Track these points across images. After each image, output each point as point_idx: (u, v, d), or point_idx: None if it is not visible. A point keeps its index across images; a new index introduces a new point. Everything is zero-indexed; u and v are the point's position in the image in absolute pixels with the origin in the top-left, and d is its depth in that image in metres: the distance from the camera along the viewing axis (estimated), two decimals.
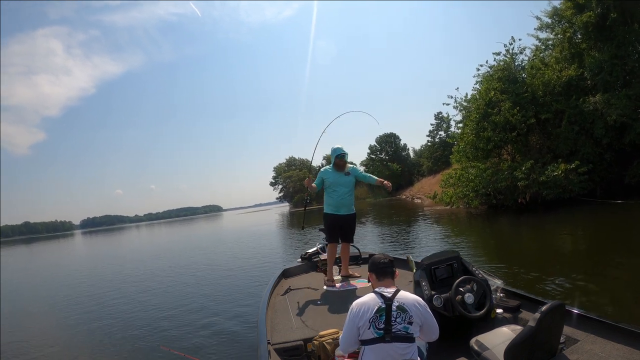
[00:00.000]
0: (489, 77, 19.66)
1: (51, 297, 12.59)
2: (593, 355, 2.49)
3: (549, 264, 7.98)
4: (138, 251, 29.04)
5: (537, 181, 16.39)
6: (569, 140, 16.84)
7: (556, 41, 18.55)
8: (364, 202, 53.78)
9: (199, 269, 14.05)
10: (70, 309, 10.31)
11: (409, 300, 2.45)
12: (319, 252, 6.46)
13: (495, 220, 16.38)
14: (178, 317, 7.88)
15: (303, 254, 6.72)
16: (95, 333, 7.64)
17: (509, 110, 17.82)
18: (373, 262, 2.66)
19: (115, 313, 9.12)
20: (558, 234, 11.58)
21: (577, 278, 6.56)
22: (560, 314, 2.43)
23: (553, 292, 6.08)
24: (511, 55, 19.39)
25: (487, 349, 2.65)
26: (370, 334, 2.36)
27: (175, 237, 39.73)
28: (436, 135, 51.24)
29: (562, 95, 17.36)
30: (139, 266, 17.81)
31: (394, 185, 57.22)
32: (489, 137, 18.61)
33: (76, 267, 22.18)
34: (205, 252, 20.34)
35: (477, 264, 8.07)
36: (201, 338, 6.32)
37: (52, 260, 31.61)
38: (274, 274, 6.01)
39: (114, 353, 6.34)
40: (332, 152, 5.51)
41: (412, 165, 60.46)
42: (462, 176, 20.41)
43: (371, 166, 63.64)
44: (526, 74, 18.98)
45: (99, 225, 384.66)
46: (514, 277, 7.26)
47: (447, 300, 3.30)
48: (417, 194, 41.33)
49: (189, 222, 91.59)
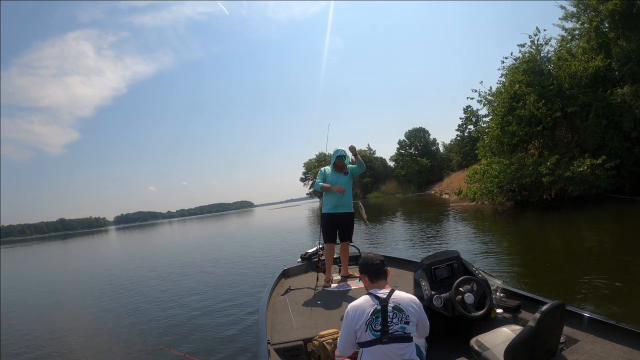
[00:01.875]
0: (513, 69, 19.21)
1: (50, 295, 12.73)
2: (593, 355, 2.49)
3: (572, 264, 7.74)
4: (155, 248, 28.79)
5: (562, 177, 15.98)
6: (596, 134, 16.28)
7: (582, 31, 17.91)
8: (394, 198, 53.39)
9: (204, 268, 13.93)
10: (70, 308, 10.34)
11: (405, 300, 2.46)
12: (319, 252, 6.42)
13: (520, 217, 16.04)
14: (178, 317, 7.83)
15: (303, 253, 6.74)
16: (95, 333, 7.62)
17: (534, 103, 17.43)
18: (364, 263, 2.66)
19: (115, 312, 9.11)
20: (584, 232, 11.18)
21: (603, 280, 6.20)
22: (560, 314, 2.42)
23: (576, 295, 5.76)
24: (536, 47, 18.86)
25: (487, 349, 2.66)
26: (368, 336, 2.37)
27: (201, 234, 39.37)
28: (465, 130, 50.22)
29: (588, 88, 16.78)
30: (146, 264, 17.79)
31: (424, 180, 57.24)
32: (513, 132, 18.22)
33: (79, 266, 22.50)
34: (221, 248, 20.36)
35: (496, 264, 8.16)
36: (201, 338, 6.27)
37: (72, 256, 32.59)
38: (274, 274, 6.03)
39: (114, 353, 6.30)
40: (334, 152, 5.70)
41: (441, 160, 59.34)
42: (486, 172, 20.15)
43: (400, 161, 63.06)
44: (553, 66, 18.44)
45: (132, 222, 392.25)
46: (530, 277, 7.09)
47: (447, 300, 3.30)
48: (445, 189, 40.69)
49: (220, 218, 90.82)
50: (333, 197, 5.60)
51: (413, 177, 58.99)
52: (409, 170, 59.45)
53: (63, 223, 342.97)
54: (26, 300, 12.57)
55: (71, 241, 67.26)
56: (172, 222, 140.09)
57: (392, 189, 61.93)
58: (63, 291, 13.71)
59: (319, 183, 5.58)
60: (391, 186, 62.91)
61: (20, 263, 33.01)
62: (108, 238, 62.98)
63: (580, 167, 15.32)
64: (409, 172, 59.48)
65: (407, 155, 62.70)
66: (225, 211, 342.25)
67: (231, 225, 47.62)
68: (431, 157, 60.08)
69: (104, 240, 56.01)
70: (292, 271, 6.20)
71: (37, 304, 11.67)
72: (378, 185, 65.64)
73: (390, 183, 63.59)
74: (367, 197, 64.49)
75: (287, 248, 15.63)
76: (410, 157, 61.75)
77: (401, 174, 61.57)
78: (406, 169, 60.29)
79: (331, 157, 5.77)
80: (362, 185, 68.36)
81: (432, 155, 60.79)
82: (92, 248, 41.50)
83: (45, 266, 26.48)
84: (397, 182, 62.50)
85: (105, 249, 37.42)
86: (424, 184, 57.51)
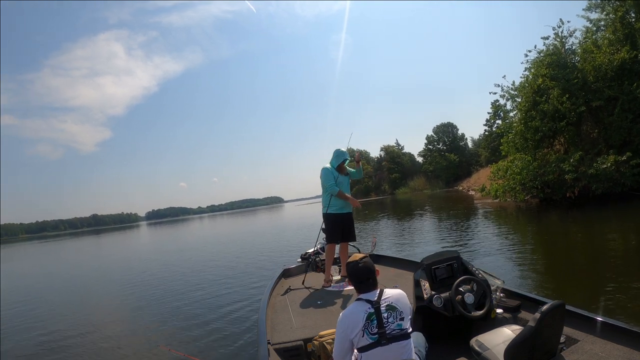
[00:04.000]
0: (537, 62, 18.59)
1: (50, 294, 12.78)
2: (593, 355, 2.48)
3: (595, 266, 7.42)
4: (170, 246, 28.10)
5: (586, 174, 15.45)
6: (622, 129, 15.61)
7: (607, 22, 17.13)
8: (422, 194, 52.64)
9: (209, 267, 13.88)
10: (70, 308, 10.24)
11: (394, 296, 2.43)
12: (319, 252, 6.43)
13: (543, 216, 15.58)
14: (177, 317, 7.80)
15: (303, 253, 6.68)
16: (95, 332, 7.57)
17: (557, 98, 16.88)
18: (352, 274, 2.53)
19: (115, 312, 9.14)
20: (607, 232, 10.61)
21: (626, 284, 5.82)
22: (560, 314, 2.41)
23: (607, 302, 5.34)
24: (561, 39, 18.24)
25: (487, 349, 2.65)
26: (366, 340, 2.33)
27: (228, 230, 39.53)
28: (493, 125, 48.92)
29: (614, 81, 16.04)
30: (153, 264, 17.63)
31: (452, 176, 56.27)
32: (537, 127, 17.74)
33: (86, 263, 23.02)
34: (240, 245, 20.31)
35: (512, 266, 8.01)
36: (201, 338, 6.24)
37: (84, 254, 32.92)
38: (274, 273, 6.03)
39: (113, 352, 6.25)
40: (340, 155, 5.56)
41: (470, 155, 58.03)
42: (509, 169, 19.70)
43: (429, 157, 62.23)
44: (579, 58, 17.75)
45: (163, 217, 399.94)
46: (550, 281, 6.86)
47: (447, 300, 3.28)
48: (473, 185, 39.91)
49: (249, 214, 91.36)
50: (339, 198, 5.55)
51: (441, 172, 58.09)
52: (437, 166, 58.59)
53: (96, 219, 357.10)
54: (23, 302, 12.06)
55: (103, 236, 68.49)
56: (202, 218, 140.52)
57: (420, 185, 61.23)
58: (64, 291, 13.57)
59: (336, 188, 5.41)
60: (419, 182, 62.18)
61: (20, 261, 34.04)
62: (135, 234, 63.67)
63: (604, 164, 14.74)
64: (437, 168, 58.63)
65: (435, 150, 61.78)
66: (255, 207, 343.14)
67: (260, 221, 47.95)
68: (459, 153, 58.92)
69: (126, 237, 56.23)
70: (292, 271, 6.21)
71: (36, 302, 11.58)
72: (406, 181, 65.13)
73: (419, 179, 62.85)
74: (395, 193, 64.24)
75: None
76: (438, 152, 60.83)
77: (429, 170, 60.85)
78: (434, 165, 59.48)
79: (333, 157, 5.62)
80: (390, 181, 68.02)
81: (460, 151, 59.60)
82: (110, 245, 41.91)
83: (57, 263, 27.09)
84: (425, 178, 61.72)
85: (123, 246, 37.61)
86: (452, 180, 56.46)
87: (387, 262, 6.00)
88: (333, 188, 5.39)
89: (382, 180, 71.54)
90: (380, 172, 71.66)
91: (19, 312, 10.41)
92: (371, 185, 73.11)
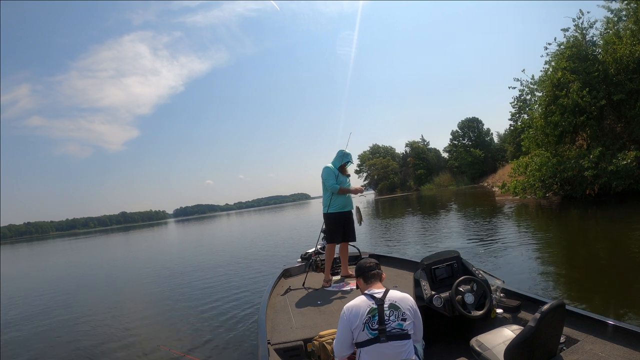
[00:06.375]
0: (558, 55, 18.04)
1: (48, 295, 12.63)
2: (593, 355, 2.47)
3: (613, 269, 7.09)
4: (184, 243, 28.29)
5: (606, 171, 14.94)
6: None
7: (629, 11, 16.44)
8: (447, 190, 52.09)
9: (213, 266, 13.77)
10: (71, 308, 10.24)
11: (400, 298, 2.48)
12: (320, 252, 6.45)
13: (562, 214, 15.19)
14: (177, 316, 7.78)
15: (303, 253, 6.72)
16: (94, 332, 7.54)
17: (577, 91, 16.34)
18: (360, 267, 2.70)
19: (115, 311, 9.12)
20: (627, 231, 10.00)
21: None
22: (560, 314, 2.41)
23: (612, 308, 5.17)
24: (581, 31, 17.63)
25: (487, 349, 2.65)
26: (365, 335, 2.36)
27: (253, 226, 39.55)
28: (518, 119, 47.69)
29: (636, 73, 15.35)
30: (153, 264, 17.55)
31: (477, 172, 55.14)
32: (556, 122, 17.23)
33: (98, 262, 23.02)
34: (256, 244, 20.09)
35: (531, 267, 7.82)
36: (201, 338, 6.20)
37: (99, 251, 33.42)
38: (274, 273, 6.04)
39: (113, 352, 6.21)
40: (344, 156, 5.65)
41: (495, 151, 56.45)
42: (529, 165, 19.27)
43: (454, 152, 61.08)
44: (600, 50, 17.12)
45: (190, 214, 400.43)
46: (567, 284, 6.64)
47: (447, 300, 3.29)
48: (497, 181, 39.05)
49: (276, 211, 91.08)
50: (343, 197, 5.64)
51: (466, 168, 56.97)
52: (462, 162, 57.44)
53: (124, 216, 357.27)
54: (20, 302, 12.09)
55: (131, 234, 68.63)
56: (229, 215, 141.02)
57: (446, 181, 60.47)
58: (67, 289, 13.58)
59: (336, 185, 5.46)
60: (444, 178, 61.40)
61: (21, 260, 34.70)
62: (162, 231, 62.93)
63: (624, 161, 14.23)
64: (462, 164, 57.51)
65: (461, 146, 60.62)
66: (282, 203, 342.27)
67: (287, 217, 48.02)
68: (485, 148, 57.45)
69: (152, 235, 55.49)
70: (292, 271, 6.23)
71: (35, 303, 11.49)
72: (431, 176, 64.42)
73: (444, 175, 62.05)
74: (420, 189, 63.62)
75: None
76: (463, 148, 59.72)
77: (454, 166, 59.85)
78: (459, 161, 58.40)
79: (337, 157, 5.71)
80: (416, 177, 67.39)
81: (485, 146, 58.09)
82: (131, 243, 41.54)
83: (66, 263, 26.77)
84: (451, 174, 60.85)
85: (138, 244, 37.63)
86: (477, 176, 55.31)
87: (387, 262, 6.01)
88: (334, 186, 5.45)
89: (407, 177, 70.92)
90: (405, 168, 71.12)
91: (20, 312, 10.48)
92: (397, 182, 72.67)
